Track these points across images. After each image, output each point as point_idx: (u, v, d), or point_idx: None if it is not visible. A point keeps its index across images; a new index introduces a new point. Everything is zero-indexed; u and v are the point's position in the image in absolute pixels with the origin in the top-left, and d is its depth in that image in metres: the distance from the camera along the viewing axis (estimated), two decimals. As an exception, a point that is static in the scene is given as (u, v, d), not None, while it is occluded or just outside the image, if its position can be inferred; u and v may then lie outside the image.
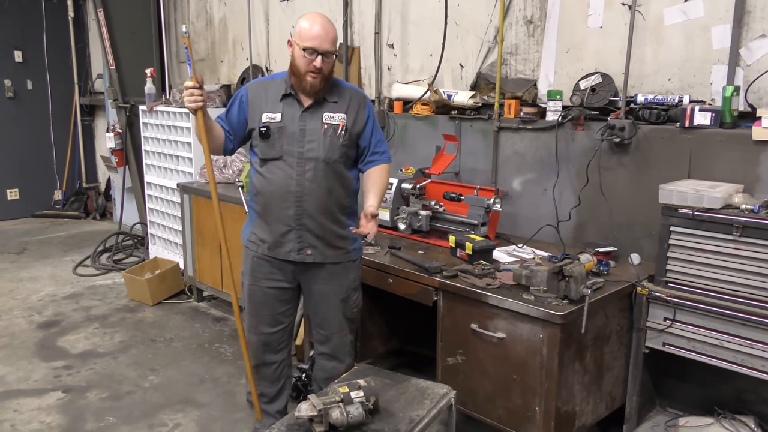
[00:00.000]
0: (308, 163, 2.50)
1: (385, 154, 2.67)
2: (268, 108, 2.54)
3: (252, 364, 2.72)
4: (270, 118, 2.53)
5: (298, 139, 2.51)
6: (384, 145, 2.68)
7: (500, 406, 2.57)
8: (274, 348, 2.74)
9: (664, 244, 2.56)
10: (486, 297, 2.52)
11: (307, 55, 2.41)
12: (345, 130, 2.54)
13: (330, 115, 2.54)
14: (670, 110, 2.88)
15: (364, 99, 2.64)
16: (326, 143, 2.51)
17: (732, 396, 2.75)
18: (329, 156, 2.51)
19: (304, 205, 2.52)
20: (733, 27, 2.72)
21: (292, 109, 2.53)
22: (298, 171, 2.50)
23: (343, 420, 2.04)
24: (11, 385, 3.52)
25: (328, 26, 2.45)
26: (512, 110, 3.41)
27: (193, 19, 5.97)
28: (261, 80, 2.69)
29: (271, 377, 2.78)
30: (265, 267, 2.63)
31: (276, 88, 2.57)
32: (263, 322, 2.69)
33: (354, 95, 2.61)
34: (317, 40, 2.41)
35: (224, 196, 4.11)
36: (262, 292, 2.66)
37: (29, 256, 6.01)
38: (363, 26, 4.34)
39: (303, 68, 2.44)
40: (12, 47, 7.11)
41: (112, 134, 6.00)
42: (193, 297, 4.80)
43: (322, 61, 2.42)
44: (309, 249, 2.57)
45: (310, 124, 2.52)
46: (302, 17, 2.48)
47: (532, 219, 3.38)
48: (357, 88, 2.71)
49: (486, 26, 3.63)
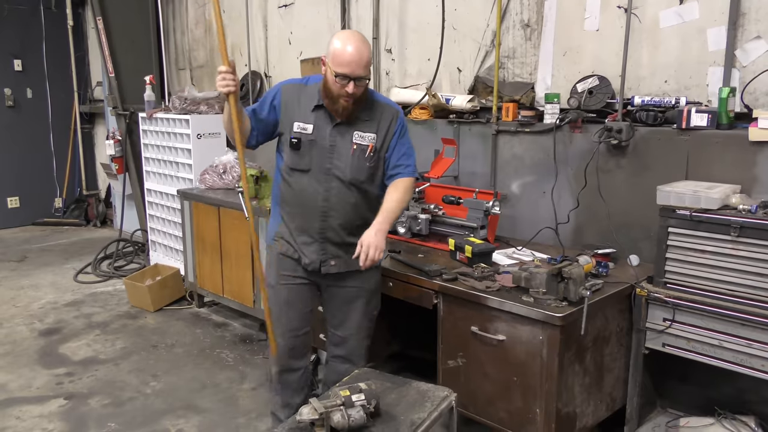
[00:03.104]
0: (335, 180, 2.49)
1: (410, 168, 2.58)
2: (301, 117, 2.50)
3: (276, 370, 2.70)
4: (302, 128, 2.49)
5: (327, 155, 2.48)
6: (409, 159, 2.59)
7: (501, 409, 2.57)
8: (300, 352, 2.72)
9: (662, 245, 2.57)
10: (486, 299, 2.53)
11: (339, 80, 2.35)
12: (374, 152, 2.51)
13: (360, 135, 2.50)
14: (667, 112, 2.89)
15: (397, 113, 2.58)
16: (353, 164, 2.49)
17: (732, 396, 2.75)
18: (355, 177, 2.50)
19: (329, 221, 2.52)
20: (728, 29, 2.74)
21: (324, 122, 2.49)
22: (326, 186, 2.49)
23: (345, 423, 2.05)
24: (13, 393, 3.52)
25: (363, 48, 2.36)
26: (510, 113, 3.43)
27: (191, 26, 5.99)
28: (295, 83, 2.61)
29: (295, 385, 2.74)
30: (289, 263, 2.63)
31: (309, 95, 2.51)
32: (292, 321, 2.65)
33: (386, 111, 2.55)
34: (351, 66, 2.33)
35: (224, 201, 4.13)
36: (288, 289, 2.64)
37: (30, 263, 6.02)
38: (361, 31, 4.32)
39: (335, 91, 2.38)
40: (11, 56, 7.12)
41: (111, 141, 6.02)
42: (194, 303, 4.81)
43: (355, 86, 2.36)
44: (333, 260, 2.57)
45: (339, 142, 2.49)
46: (336, 36, 2.41)
47: (531, 221, 3.39)
48: (390, 103, 2.64)
49: (483, 30, 3.65)
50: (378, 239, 2.38)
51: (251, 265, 3.99)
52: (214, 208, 4.26)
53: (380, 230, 2.40)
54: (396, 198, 2.50)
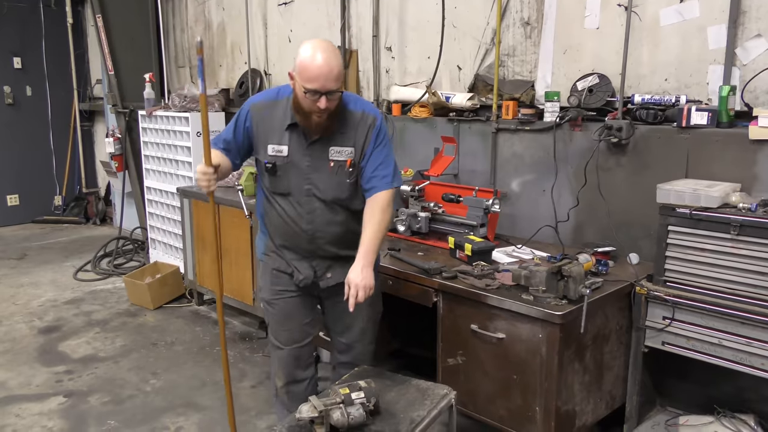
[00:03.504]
0: (316, 201, 2.38)
1: (386, 179, 2.36)
2: (275, 138, 2.36)
3: (283, 383, 2.62)
4: (276, 150, 2.36)
5: (305, 176, 2.36)
6: (386, 168, 2.38)
7: (500, 407, 2.58)
8: (305, 362, 2.62)
9: (662, 244, 2.56)
10: (485, 297, 2.53)
11: (310, 96, 2.19)
12: (352, 167, 2.36)
13: (337, 150, 2.35)
14: (667, 110, 2.89)
15: (373, 122, 2.38)
16: (333, 182, 2.36)
17: (732, 394, 2.75)
18: (337, 196, 2.38)
19: (317, 241, 2.42)
20: (728, 27, 2.74)
21: (299, 141, 2.35)
22: (308, 209, 2.39)
23: (344, 421, 2.05)
24: (13, 391, 3.52)
25: (332, 59, 2.19)
26: (510, 111, 3.42)
27: (191, 24, 5.98)
28: (264, 100, 2.43)
29: (302, 396, 2.58)
30: (284, 278, 2.53)
31: (281, 112, 2.36)
32: (293, 334, 2.57)
33: (362, 120, 2.37)
34: (320, 80, 2.16)
35: (224, 199, 4.12)
36: (284, 303, 2.55)
37: (30, 261, 6.02)
38: (361, 30, 4.35)
39: (307, 107, 2.24)
40: (11, 54, 7.12)
41: (111, 139, 6.02)
42: (194, 301, 4.81)
43: (327, 101, 2.21)
44: (329, 273, 2.49)
45: (316, 161, 2.35)
46: (302, 48, 2.22)
47: (530, 220, 3.38)
48: (366, 109, 2.41)
49: (483, 28, 3.64)
50: (365, 277, 2.25)
51: (251, 264, 3.99)
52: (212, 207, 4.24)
53: (365, 266, 2.26)
54: (375, 223, 2.32)
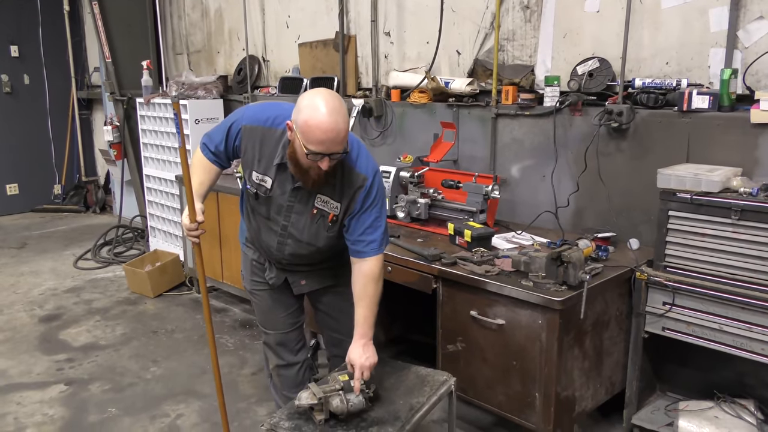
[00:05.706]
0: (290, 237, 2.29)
1: (373, 245, 2.19)
2: (261, 168, 2.21)
3: (273, 365, 2.61)
4: (260, 180, 2.22)
5: (285, 213, 2.25)
6: (374, 233, 2.19)
7: (500, 393, 2.58)
8: (293, 347, 2.59)
9: (662, 229, 2.55)
10: (485, 284, 2.52)
11: (312, 157, 1.99)
12: (334, 221, 2.22)
13: (323, 199, 2.19)
14: (668, 94, 2.86)
15: (363, 181, 2.17)
16: (312, 229, 2.25)
17: (732, 380, 2.75)
18: (312, 242, 2.29)
19: (294, 260, 2.37)
20: (730, 9, 2.70)
21: (284, 179, 2.19)
22: (280, 240, 2.31)
23: (344, 408, 2.05)
24: (14, 379, 3.53)
25: (339, 120, 1.95)
26: (510, 97, 3.40)
27: (188, 11, 5.93)
28: (258, 125, 2.21)
29: (294, 380, 2.60)
30: (263, 271, 2.51)
31: (272, 145, 2.17)
32: (278, 324, 2.55)
33: (355, 178, 2.16)
34: (325, 144, 1.94)
35: (223, 187, 4.10)
36: (265, 294, 2.53)
37: (30, 250, 6.02)
38: (359, 14, 4.31)
39: (306, 165, 2.05)
40: (8, 42, 7.07)
41: (110, 127, 5.99)
42: (194, 289, 4.81)
43: (330, 160, 2.01)
44: (303, 280, 2.46)
45: (298, 205, 2.23)
46: (305, 102, 1.98)
47: (530, 205, 3.37)
48: (362, 167, 2.18)
49: (482, 12, 3.60)
50: (368, 356, 2.16)
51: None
52: (212, 194, 4.23)
53: (366, 344, 2.18)
54: (368, 297, 2.21)
